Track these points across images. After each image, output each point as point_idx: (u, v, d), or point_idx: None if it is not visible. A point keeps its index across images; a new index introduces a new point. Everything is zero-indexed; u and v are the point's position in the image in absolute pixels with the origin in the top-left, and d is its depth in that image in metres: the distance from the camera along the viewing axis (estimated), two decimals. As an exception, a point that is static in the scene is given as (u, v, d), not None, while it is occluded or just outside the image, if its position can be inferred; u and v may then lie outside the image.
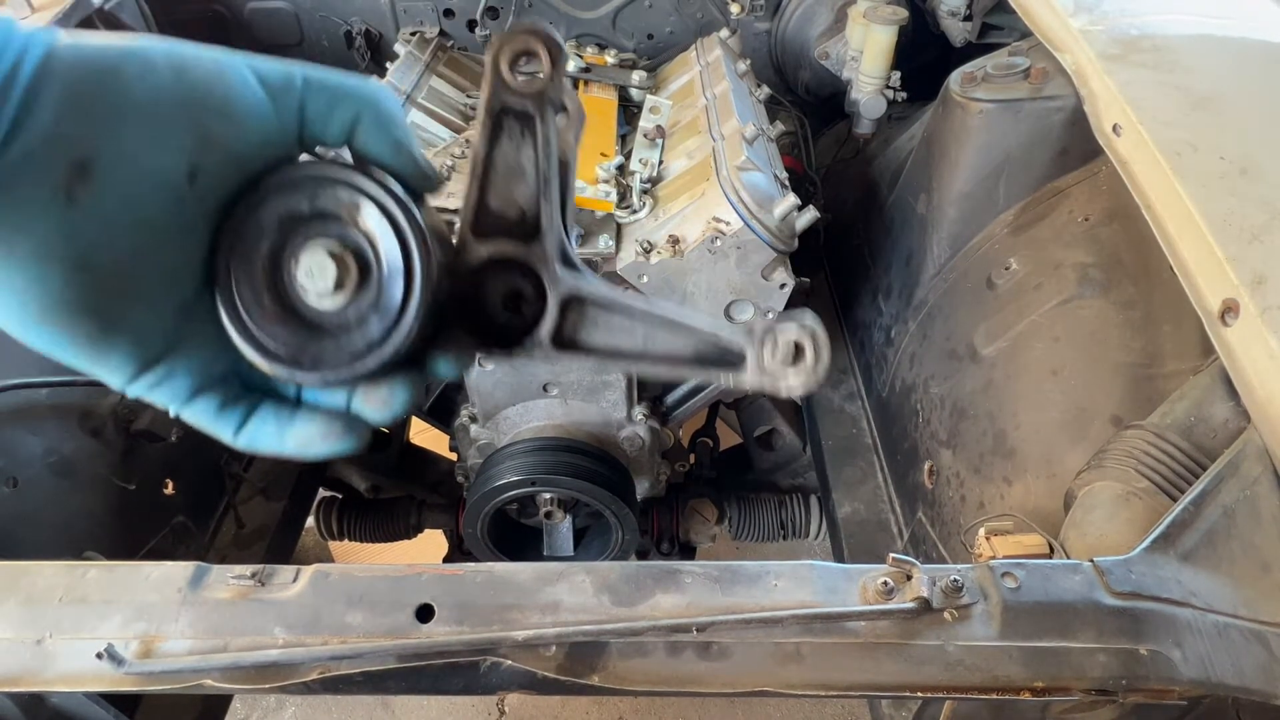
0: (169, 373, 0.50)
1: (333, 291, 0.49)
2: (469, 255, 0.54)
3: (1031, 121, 1.32)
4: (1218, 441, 0.92)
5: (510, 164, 0.53)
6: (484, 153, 0.52)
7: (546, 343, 0.54)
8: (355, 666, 0.75)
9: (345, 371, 0.50)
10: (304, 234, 0.49)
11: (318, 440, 0.53)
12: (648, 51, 1.98)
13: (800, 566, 0.81)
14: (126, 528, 1.26)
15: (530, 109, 0.51)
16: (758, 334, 0.55)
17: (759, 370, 0.55)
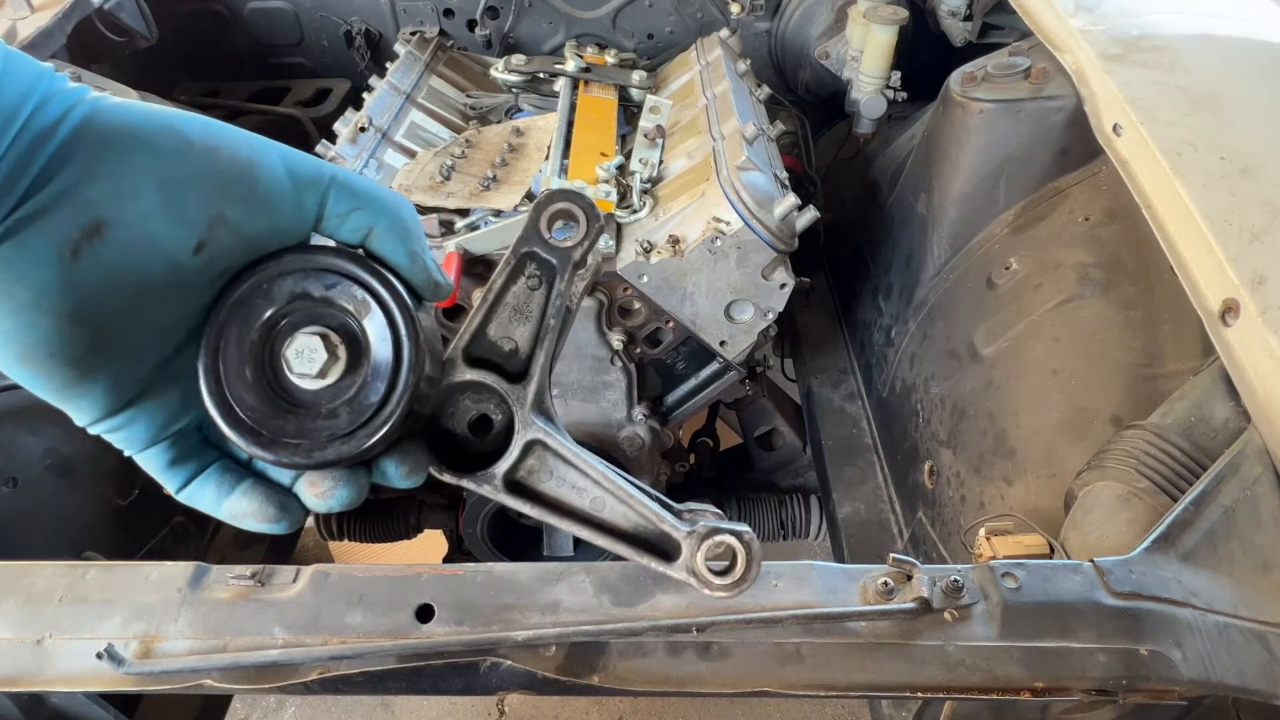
0: (132, 419, 0.51)
1: (315, 375, 0.50)
2: (454, 374, 0.57)
3: (1031, 121, 1.32)
4: (1218, 441, 0.92)
5: (519, 303, 0.56)
6: (499, 285, 0.56)
7: (498, 479, 0.56)
8: (355, 666, 0.75)
9: (302, 457, 0.51)
10: (306, 315, 0.51)
11: (248, 518, 0.54)
12: (648, 51, 1.98)
13: (800, 566, 0.81)
14: (126, 528, 1.26)
15: (554, 262, 0.55)
16: (698, 533, 0.58)
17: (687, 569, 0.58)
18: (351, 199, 0.51)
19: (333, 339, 0.51)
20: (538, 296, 0.56)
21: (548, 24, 1.97)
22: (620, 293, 1.36)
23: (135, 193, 0.46)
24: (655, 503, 0.59)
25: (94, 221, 0.45)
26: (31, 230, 0.44)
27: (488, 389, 0.56)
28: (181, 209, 0.47)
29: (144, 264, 0.47)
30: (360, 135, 1.41)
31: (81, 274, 0.45)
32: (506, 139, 1.52)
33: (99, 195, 0.45)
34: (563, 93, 1.65)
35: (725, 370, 1.46)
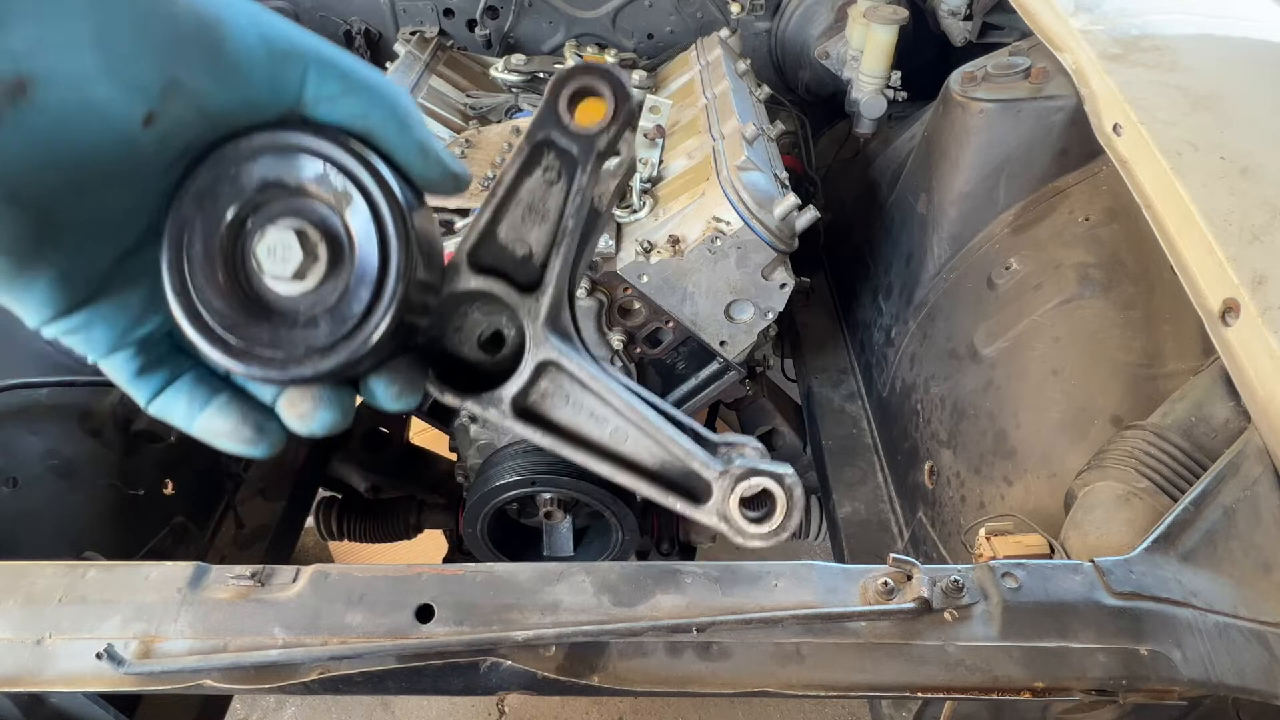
0: (90, 321, 0.45)
1: (290, 278, 0.43)
2: (457, 282, 0.49)
3: (1031, 121, 1.32)
4: (1218, 441, 0.92)
5: (535, 200, 0.48)
6: (510, 179, 0.48)
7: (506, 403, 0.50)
8: (355, 666, 0.75)
9: (276, 371, 0.45)
10: (279, 208, 0.44)
11: (223, 436, 0.50)
12: (648, 51, 1.98)
13: (800, 566, 0.81)
14: (126, 528, 1.25)
15: (576, 151, 0.46)
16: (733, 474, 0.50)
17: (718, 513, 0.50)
18: (341, 79, 0.44)
19: (311, 235, 0.43)
20: (555, 192, 0.47)
21: (548, 24, 1.97)
22: (620, 293, 1.36)
23: (67, 43, 0.37)
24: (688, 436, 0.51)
25: (16, 78, 0.37)
26: None
27: (496, 300, 0.48)
28: (126, 68, 0.39)
29: (84, 135, 0.39)
30: (360, 135, 1.41)
31: (6, 144, 0.38)
32: (506, 139, 1.52)
33: (20, 46, 0.36)
34: (563, 93, 1.65)
35: (725, 370, 1.46)
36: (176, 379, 0.48)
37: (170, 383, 0.48)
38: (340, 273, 0.44)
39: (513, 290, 0.49)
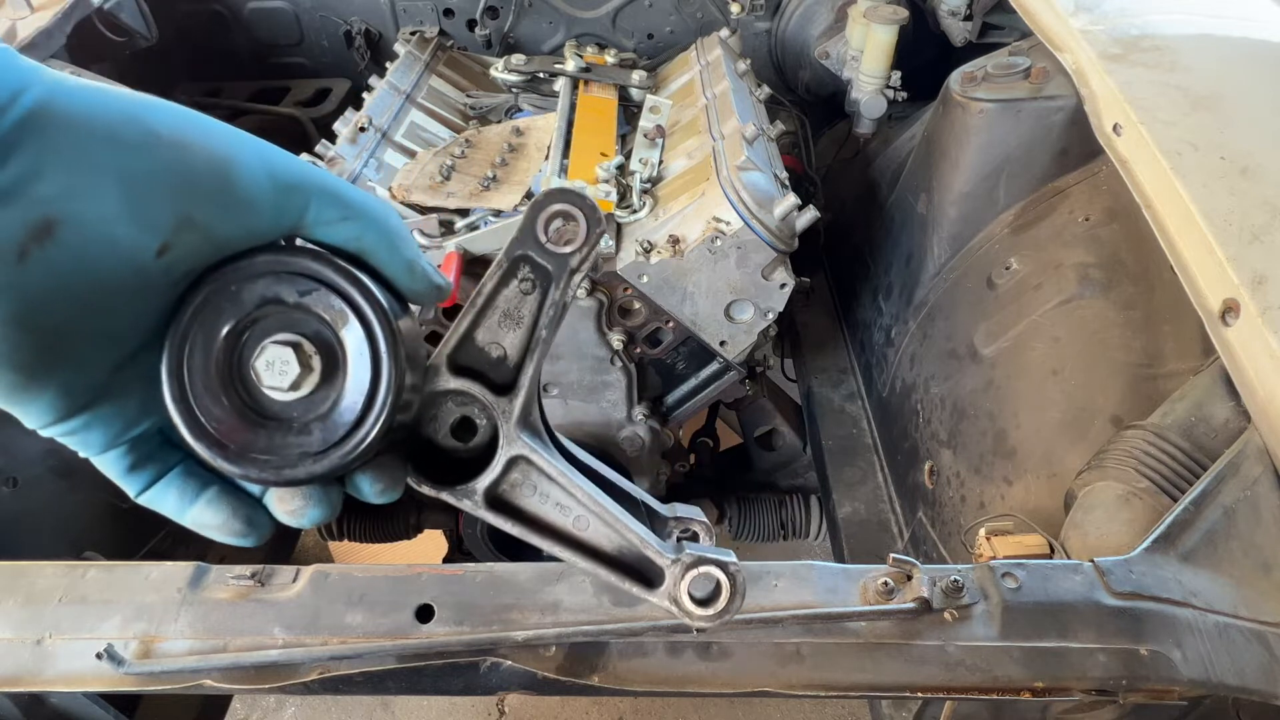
0: (87, 425, 0.47)
1: (287, 389, 0.47)
2: (437, 383, 0.53)
3: (1031, 121, 1.32)
4: (1218, 441, 0.92)
5: (511, 308, 0.52)
6: (489, 289, 0.52)
7: (479, 495, 0.54)
8: (355, 666, 0.75)
9: (271, 474, 0.48)
10: (277, 322, 0.47)
11: (213, 530, 0.51)
12: (648, 51, 1.98)
13: (800, 566, 0.81)
14: (126, 528, 1.25)
15: (550, 268, 0.51)
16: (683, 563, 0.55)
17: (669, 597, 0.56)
18: (340, 207, 0.48)
19: (306, 349, 0.47)
20: (530, 302, 0.52)
21: (548, 24, 1.97)
22: (620, 293, 1.36)
23: (93, 190, 0.41)
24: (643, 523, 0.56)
25: (44, 221, 0.40)
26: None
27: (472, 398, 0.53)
28: (145, 210, 0.42)
29: (100, 267, 0.42)
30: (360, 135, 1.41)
31: (29, 278, 0.41)
32: (506, 139, 1.52)
33: (51, 192, 0.40)
34: (563, 93, 1.65)
35: (725, 370, 1.46)
36: (166, 473, 0.51)
37: (160, 476, 0.51)
38: (334, 382, 0.48)
39: (488, 391, 0.53)
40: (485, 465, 0.53)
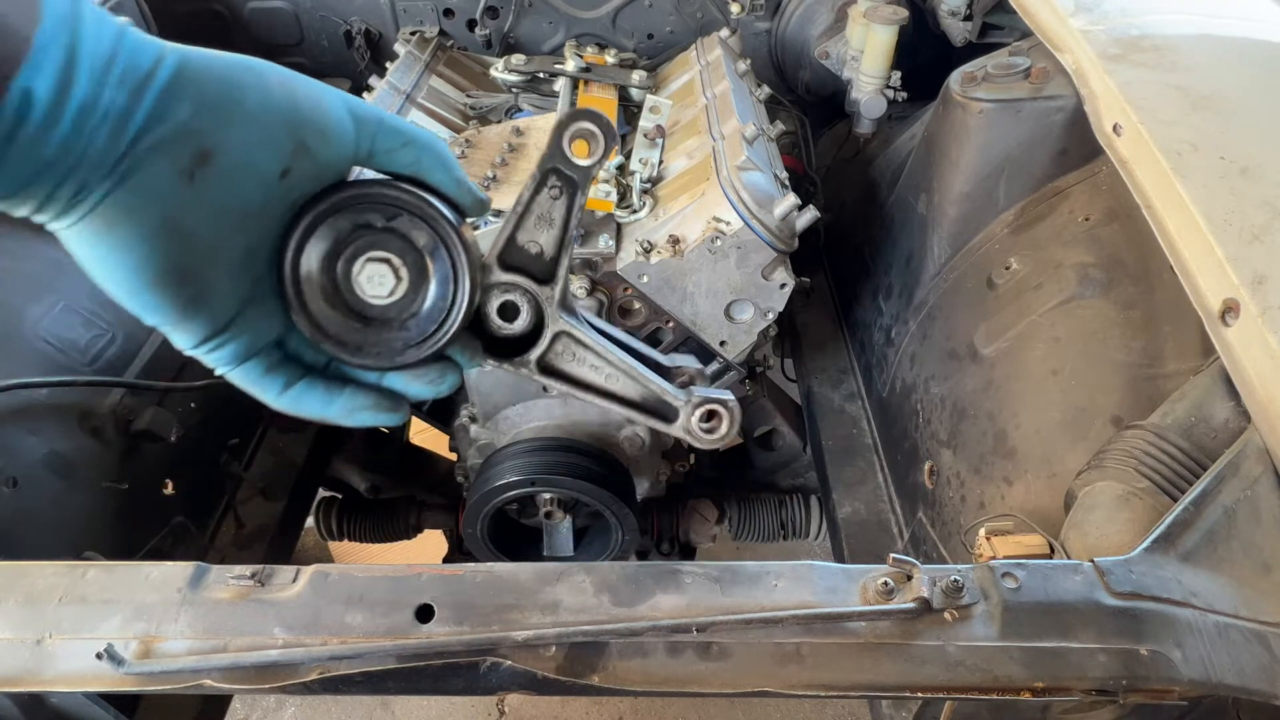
0: (230, 338, 0.57)
1: (385, 296, 0.59)
2: (490, 277, 0.65)
3: (1031, 121, 1.32)
4: (1218, 441, 0.92)
5: (544, 213, 0.63)
6: (527, 198, 0.63)
7: (533, 364, 0.68)
8: (355, 666, 0.75)
9: (386, 362, 0.62)
10: (372, 242, 0.59)
11: (365, 410, 0.63)
12: (648, 51, 1.98)
13: (800, 566, 0.81)
14: (126, 528, 1.25)
15: (576, 177, 0.62)
16: (693, 401, 0.70)
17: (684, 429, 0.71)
18: (399, 136, 0.59)
19: (396, 263, 0.59)
20: (560, 206, 0.63)
21: (548, 24, 1.97)
22: (620, 293, 1.36)
23: (234, 123, 0.52)
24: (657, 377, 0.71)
25: (202, 149, 0.51)
26: (153, 159, 0.50)
27: (518, 287, 0.65)
28: (271, 137, 0.54)
29: (243, 188, 0.54)
30: (360, 135, 1.41)
31: (195, 197, 0.52)
32: (506, 139, 1.52)
33: (205, 127, 0.51)
34: (563, 93, 1.65)
35: (725, 370, 1.46)
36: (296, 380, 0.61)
37: (289, 384, 0.61)
38: (421, 285, 0.60)
39: (532, 281, 0.65)
40: (531, 342, 0.66)
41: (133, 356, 1.34)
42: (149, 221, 0.51)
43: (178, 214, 0.51)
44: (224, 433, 1.50)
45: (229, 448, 1.50)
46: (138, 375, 1.33)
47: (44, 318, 1.25)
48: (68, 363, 1.25)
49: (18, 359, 1.20)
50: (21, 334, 1.22)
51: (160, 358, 1.38)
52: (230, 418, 1.53)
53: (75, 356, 1.26)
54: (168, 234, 0.51)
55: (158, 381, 1.35)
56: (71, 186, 0.49)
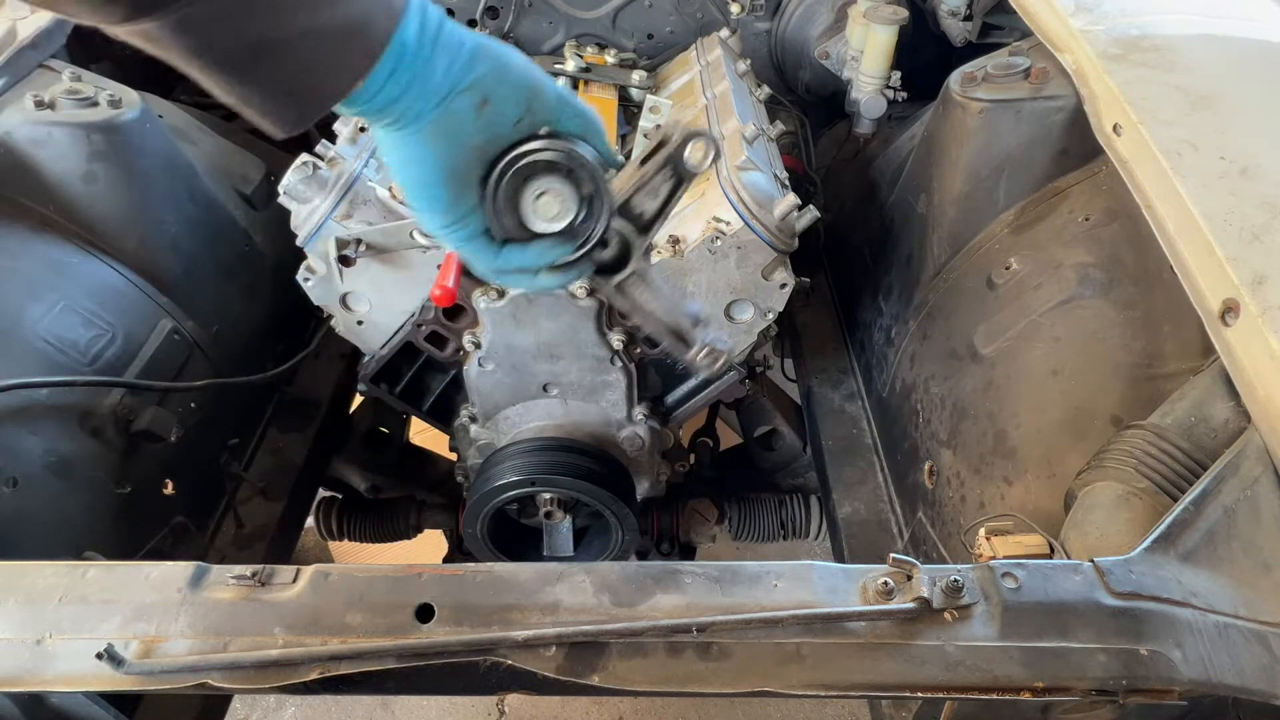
0: (463, 225, 0.80)
1: (551, 219, 0.82)
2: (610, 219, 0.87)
3: (1031, 121, 1.32)
4: (1218, 441, 0.92)
5: (653, 187, 0.87)
6: (650, 173, 0.86)
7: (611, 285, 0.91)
8: (355, 666, 0.75)
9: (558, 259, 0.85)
10: (545, 176, 0.80)
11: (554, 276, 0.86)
12: (648, 51, 1.98)
13: (800, 566, 0.81)
14: (126, 528, 1.25)
15: (683, 173, 0.86)
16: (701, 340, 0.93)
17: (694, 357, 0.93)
18: (578, 112, 0.81)
19: (564, 194, 0.81)
20: (665, 188, 0.87)
21: (548, 24, 1.97)
22: (620, 293, 1.36)
23: (503, 83, 0.75)
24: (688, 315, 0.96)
25: (485, 96, 0.74)
26: (461, 98, 0.73)
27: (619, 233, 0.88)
28: (519, 96, 0.76)
29: (498, 125, 0.76)
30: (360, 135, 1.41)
31: (476, 127, 0.75)
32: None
33: (489, 82, 0.74)
34: (563, 93, 1.65)
35: (725, 370, 1.46)
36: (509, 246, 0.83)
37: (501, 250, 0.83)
38: (576, 212, 0.82)
39: (634, 231, 0.88)
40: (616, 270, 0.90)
41: (133, 356, 1.34)
42: (450, 138, 0.75)
43: (465, 136, 0.75)
44: (224, 433, 1.50)
45: (229, 448, 1.50)
46: (138, 375, 1.33)
47: (44, 318, 1.25)
48: (68, 363, 1.25)
49: (18, 359, 1.20)
50: (21, 334, 1.22)
51: (160, 358, 1.38)
52: (230, 418, 1.53)
53: (75, 356, 1.26)
54: (456, 148, 0.75)
55: (158, 381, 1.35)
56: (414, 109, 0.72)
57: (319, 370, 1.77)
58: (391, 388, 1.51)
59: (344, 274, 1.32)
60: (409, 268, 1.33)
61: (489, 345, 1.36)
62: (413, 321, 1.39)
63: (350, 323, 1.42)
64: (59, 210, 1.36)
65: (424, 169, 0.75)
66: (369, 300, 1.38)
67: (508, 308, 1.31)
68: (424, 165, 0.75)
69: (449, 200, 0.77)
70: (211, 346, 1.50)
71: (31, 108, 1.34)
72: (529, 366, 1.40)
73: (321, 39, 0.64)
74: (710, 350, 0.98)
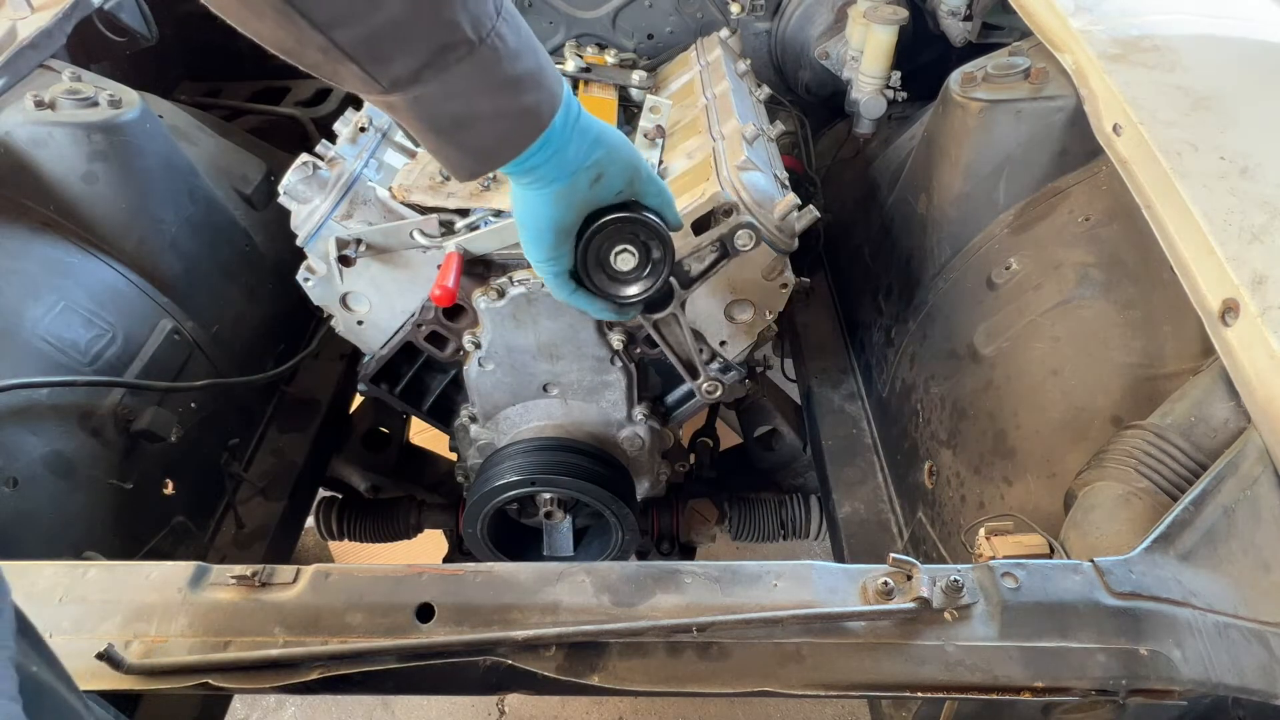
0: (557, 262, 0.99)
1: (629, 271, 1.04)
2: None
3: (1031, 121, 1.32)
4: (1218, 441, 0.92)
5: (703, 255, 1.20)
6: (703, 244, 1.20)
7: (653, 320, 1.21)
8: (355, 666, 0.75)
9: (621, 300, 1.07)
10: (628, 238, 1.02)
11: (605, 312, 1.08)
12: (648, 51, 1.98)
13: (800, 566, 0.81)
14: (126, 528, 1.25)
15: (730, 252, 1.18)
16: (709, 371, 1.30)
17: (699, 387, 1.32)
18: (660, 192, 1.01)
19: (636, 252, 1.03)
20: (711, 257, 1.20)
21: (548, 24, 1.97)
22: (620, 293, 1.36)
23: (614, 163, 0.94)
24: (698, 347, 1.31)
25: (600, 173, 0.93)
26: (583, 174, 0.92)
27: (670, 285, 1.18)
28: (624, 174, 0.95)
29: (604, 194, 0.95)
30: (360, 135, 1.41)
31: (588, 196, 0.94)
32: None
33: (604, 162, 0.92)
34: (563, 93, 1.65)
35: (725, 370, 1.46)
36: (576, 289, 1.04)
37: (574, 290, 1.04)
38: (645, 269, 1.05)
39: (678, 285, 1.20)
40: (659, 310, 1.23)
41: (133, 356, 1.34)
42: (569, 202, 0.93)
43: (578, 201, 0.94)
44: (224, 433, 1.50)
45: (229, 448, 1.50)
46: (138, 375, 1.33)
47: (44, 318, 1.25)
48: (68, 363, 1.25)
49: (18, 359, 1.20)
50: (21, 334, 1.22)
51: (160, 358, 1.38)
52: (230, 418, 1.53)
53: (75, 356, 1.26)
54: (569, 209, 0.94)
55: (158, 381, 1.35)
56: (549, 176, 0.90)
57: (319, 370, 1.77)
58: (391, 388, 1.51)
59: (344, 274, 1.32)
60: (409, 268, 1.33)
61: (489, 345, 1.36)
62: (413, 321, 1.39)
63: (350, 323, 1.41)
64: (59, 210, 1.36)
65: (542, 221, 0.95)
66: (369, 300, 1.38)
67: (508, 308, 1.31)
68: (543, 218, 0.94)
69: (553, 245, 0.97)
70: (211, 346, 1.50)
71: (31, 108, 1.34)
72: (529, 366, 1.40)
73: (506, 119, 0.83)
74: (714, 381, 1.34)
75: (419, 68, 0.75)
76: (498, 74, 0.79)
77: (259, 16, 0.70)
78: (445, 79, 0.76)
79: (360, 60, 0.73)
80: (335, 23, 0.70)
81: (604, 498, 1.44)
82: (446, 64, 0.75)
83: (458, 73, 0.76)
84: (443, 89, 0.77)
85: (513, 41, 0.79)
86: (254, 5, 0.69)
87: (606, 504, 1.45)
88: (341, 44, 0.71)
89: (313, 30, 0.70)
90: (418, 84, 0.76)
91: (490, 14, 0.76)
